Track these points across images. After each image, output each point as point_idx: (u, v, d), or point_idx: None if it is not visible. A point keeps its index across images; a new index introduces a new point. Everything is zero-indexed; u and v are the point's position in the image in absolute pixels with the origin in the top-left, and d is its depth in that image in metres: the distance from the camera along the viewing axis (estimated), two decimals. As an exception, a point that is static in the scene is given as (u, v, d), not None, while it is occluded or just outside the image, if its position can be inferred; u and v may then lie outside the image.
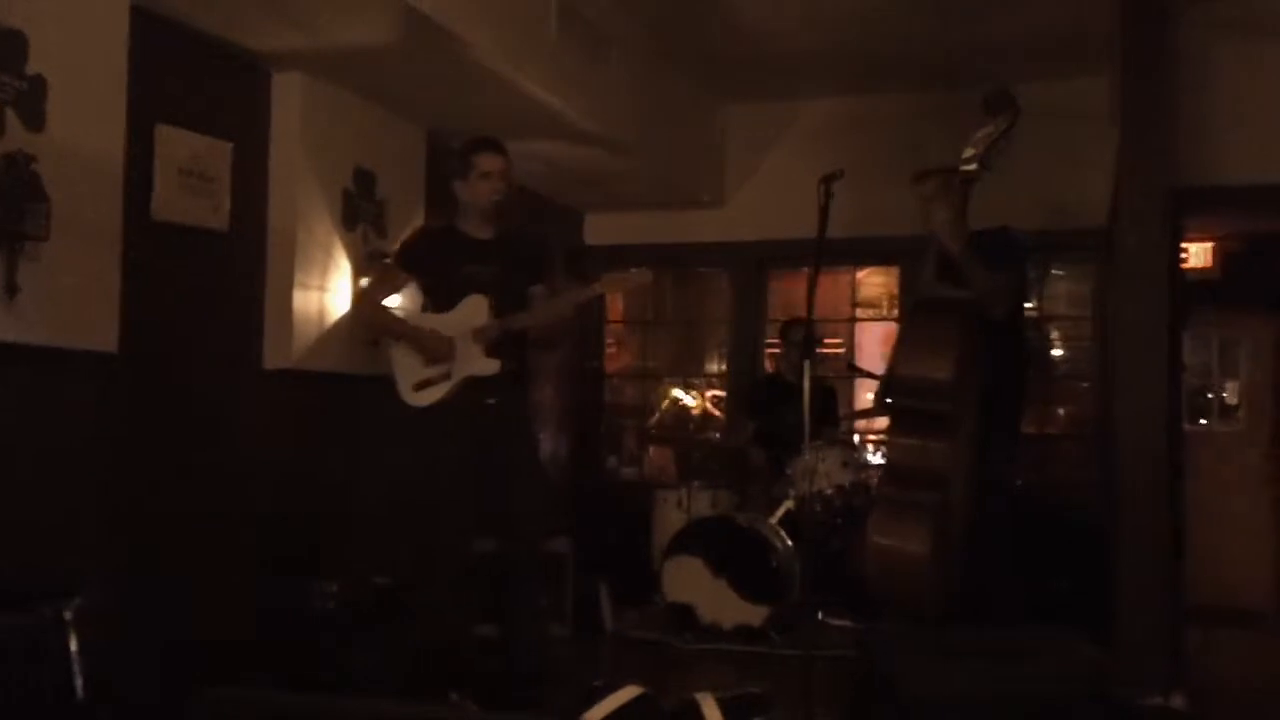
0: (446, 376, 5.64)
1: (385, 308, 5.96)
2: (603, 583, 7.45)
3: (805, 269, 6.43)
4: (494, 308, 5.65)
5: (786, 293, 9.96)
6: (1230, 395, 10.52)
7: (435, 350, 5.64)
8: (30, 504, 4.94)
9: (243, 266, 6.25)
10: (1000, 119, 5.71)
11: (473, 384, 5.61)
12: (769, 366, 9.63)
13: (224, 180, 6.02)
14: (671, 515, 8.01)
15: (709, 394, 10.38)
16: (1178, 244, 6.71)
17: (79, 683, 4.37)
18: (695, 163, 9.29)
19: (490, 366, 5.60)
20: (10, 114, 4.75)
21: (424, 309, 5.95)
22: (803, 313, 6.02)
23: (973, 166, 5.68)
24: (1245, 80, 6.79)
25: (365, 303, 6.06)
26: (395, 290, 6.00)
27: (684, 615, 7.26)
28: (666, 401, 10.39)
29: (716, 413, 10.28)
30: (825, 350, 9.96)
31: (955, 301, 5.73)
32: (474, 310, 5.63)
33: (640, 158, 8.22)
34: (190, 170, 5.81)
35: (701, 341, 10.54)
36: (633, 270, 5.71)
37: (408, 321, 5.90)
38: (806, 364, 5.29)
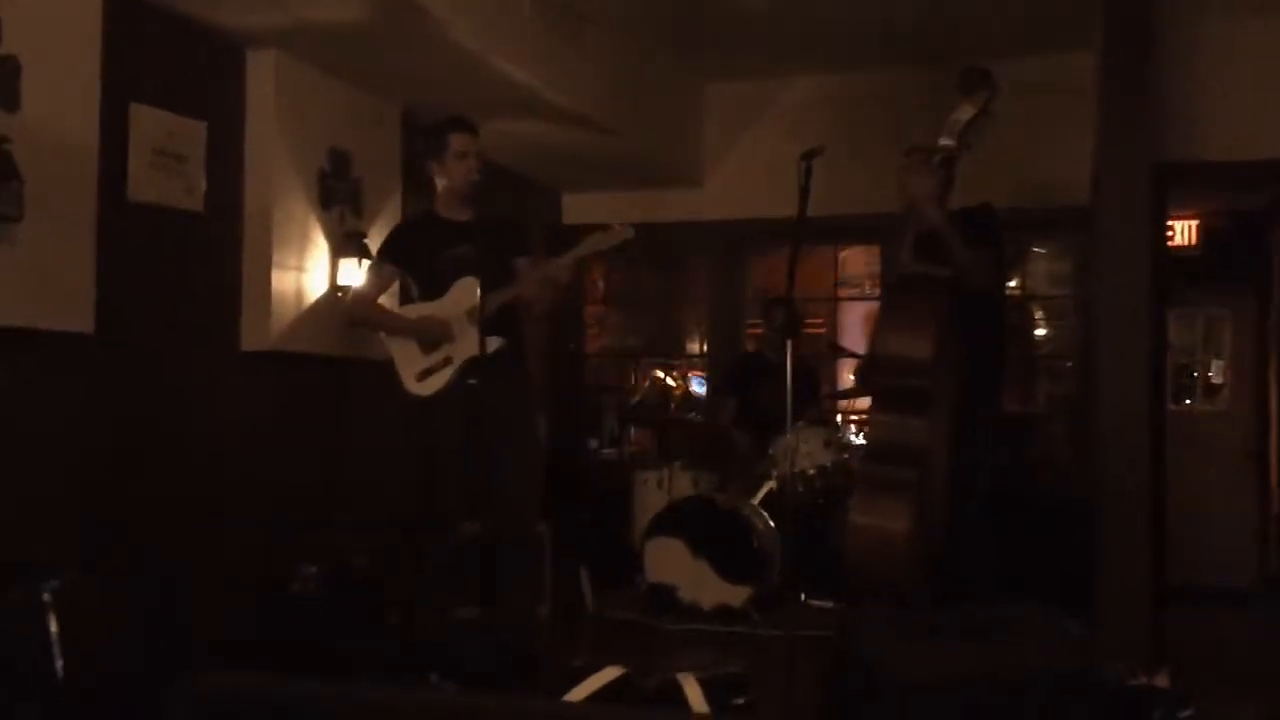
0: (448, 361, 5.59)
1: (381, 307, 5.93)
2: (583, 564, 7.42)
3: (785, 247, 6.39)
4: (483, 287, 5.58)
5: (767, 272, 9.92)
6: (1215, 374, 10.51)
7: (434, 335, 5.59)
8: (6, 486, 4.92)
9: (219, 247, 6.22)
10: (976, 98, 5.71)
11: (473, 365, 5.55)
12: (749, 346, 9.59)
13: (198, 160, 5.99)
14: (652, 496, 7.98)
15: (691, 374, 10.36)
16: (1161, 220, 6.69)
17: (59, 665, 4.33)
18: (673, 141, 9.24)
19: (490, 345, 5.52)
20: (-16, 95, 4.72)
21: (415, 299, 5.87)
22: (783, 292, 5.98)
23: (950, 144, 5.70)
24: (1230, 55, 6.77)
25: (361, 307, 5.97)
26: (385, 288, 5.96)
27: (665, 596, 7.23)
28: (648, 383, 10.35)
29: (698, 392, 10.25)
30: (807, 330, 9.94)
31: (933, 279, 5.72)
32: (466, 292, 5.56)
33: (617, 136, 8.16)
34: (165, 150, 5.79)
35: (681, 322, 10.52)
36: (614, 226, 5.61)
37: (401, 315, 5.87)
38: (789, 343, 5.26)
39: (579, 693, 4.38)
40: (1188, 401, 10.51)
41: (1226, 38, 6.80)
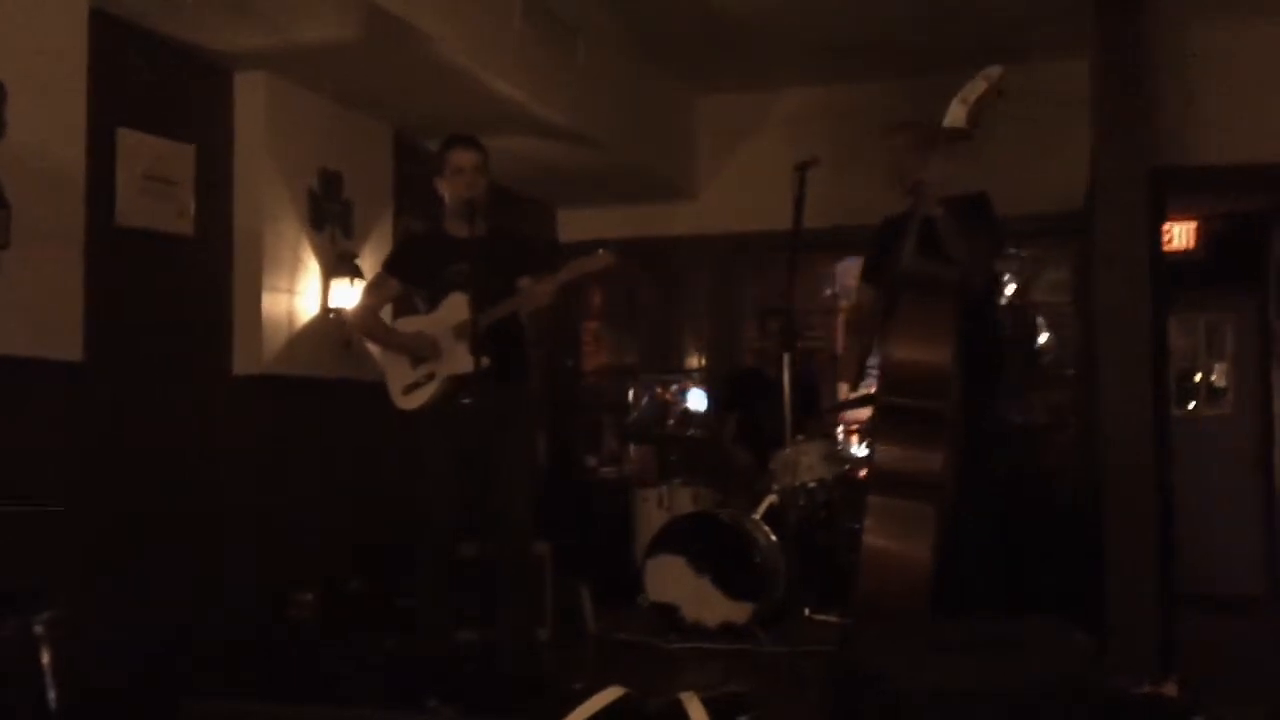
0: (431, 377, 5.55)
1: (379, 319, 5.91)
2: (584, 584, 7.35)
3: (783, 260, 6.34)
4: (474, 304, 5.50)
5: (765, 285, 9.87)
6: (1218, 378, 10.47)
7: (420, 351, 5.56)
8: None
9: (210, 271, 6.20)
10: (990, 73, 5.30)
11: (459, 382, 5.48)
12: (749, 360, 9.54)
13: (188, 183, 5.97)
14: (653, 514, 7.94)
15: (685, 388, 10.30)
16: (1158, 225, 6.65)
17: (52, 696, 4.29)
18: (668, 154, 9.22)
19: (472, 363, 5.40)
20: (-31, 122, 4.68)
21: (422, 313, 5.83)
22: (780, 304, 5.89)
23: (961, 124, 5.27)
24: (1224, 58, 6.76)
25: (365, 319, 5.98)
26: (386, 301, 5.94)
27: (667, 615, 7.16)
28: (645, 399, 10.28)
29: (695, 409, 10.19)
30: (805, 342, 9.87)
31: (947, 280, 5.32)
32: (455, 308, 5.49)
33: (611, 151, 8.16)
34: (153, 174, 5.77)
35: (679, 336, 10.45)
36: (599, 252, 5.55)
37: (395, 330, 5.85)
38: (786, 356, 5.20)
39: (579, 715, 4.34)
40: (1191, 406, 10.47)
41: (1220, 41, 6.79)
